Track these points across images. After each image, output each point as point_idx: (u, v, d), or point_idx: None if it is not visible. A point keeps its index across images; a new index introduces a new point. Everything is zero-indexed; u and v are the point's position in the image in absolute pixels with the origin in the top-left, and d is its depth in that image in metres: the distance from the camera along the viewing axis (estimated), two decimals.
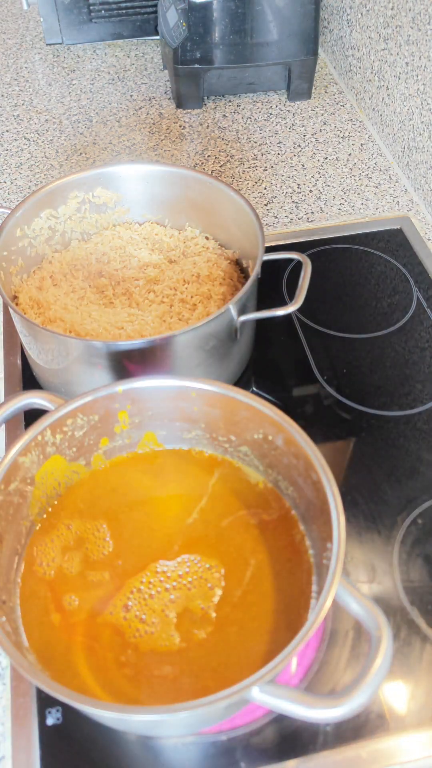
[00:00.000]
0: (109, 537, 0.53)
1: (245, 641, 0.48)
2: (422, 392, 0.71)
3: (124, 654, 0.48)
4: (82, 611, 0.50)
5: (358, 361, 0.74)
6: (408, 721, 0.52)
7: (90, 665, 0.47)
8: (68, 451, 0.54)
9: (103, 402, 0.53)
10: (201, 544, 0.53)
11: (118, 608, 0.49)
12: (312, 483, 0.48)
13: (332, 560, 0.43)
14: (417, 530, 0.61)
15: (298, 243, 0.86)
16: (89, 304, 0.70)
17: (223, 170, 0.97)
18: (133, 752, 0.51)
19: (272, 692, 0.39)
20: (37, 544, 0.52)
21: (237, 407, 0.52)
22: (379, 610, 0.41)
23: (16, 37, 1.25)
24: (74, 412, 0.52)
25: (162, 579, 0.51)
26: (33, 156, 1.01)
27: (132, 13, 1.15)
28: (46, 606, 0.50)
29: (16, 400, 0.53)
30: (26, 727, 0.52)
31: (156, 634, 0.48)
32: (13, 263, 0.71)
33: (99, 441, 0.56)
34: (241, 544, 0.52)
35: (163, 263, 0.75)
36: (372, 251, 0.86)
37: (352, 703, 0.38)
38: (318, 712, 0.39)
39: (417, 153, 0.91)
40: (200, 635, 0.48)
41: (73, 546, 0.53)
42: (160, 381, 0.53)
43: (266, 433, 0.52)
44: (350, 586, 0.42)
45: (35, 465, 0.52)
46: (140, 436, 0.57)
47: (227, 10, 0.96)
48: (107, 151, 1.01)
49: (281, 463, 0.52)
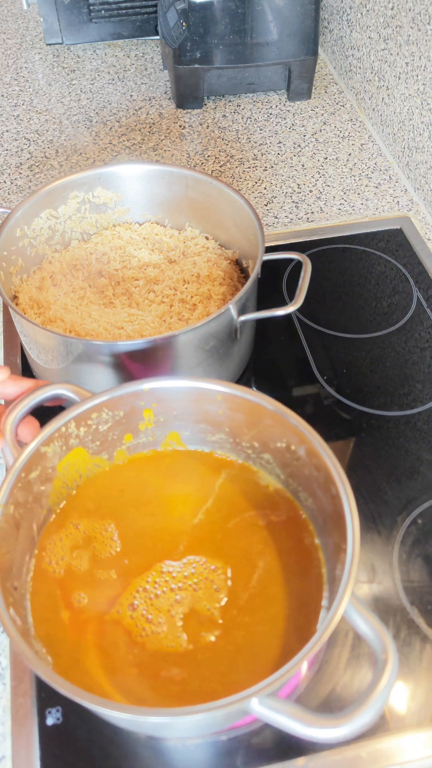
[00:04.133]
0: (117, 537, 0.53)
1: (254, 645, 0.48)
2: (422, 392, 0.71)
3: (131, 653, 0.48)
4: (90, 609, 0.50)
5: (358, 361, 0.74)
6: (408, 721, 0.52)
7: (100, 663, 0.47)
8: (91, 444, 0.54)
9: (129, 398, 0.53)
10: (206, 544, 0.52)
11: (125, 607, 0.49)
12: (331, 497, 0.47)
13: (344, 576, 0.42)
14: (417, 530, 0.61)
15: (298, 243, 0.86)
16: (89, 304, 0.70)
17: (223, 170, 0.97)
18: (133, 752, 0.51)
19: (272, 706, 0.39)
20: (47, 542, 0.53)
21: (262, 414, 0.52)
22: (387, 633, 0.41)
23: (16, 37, 1.25)
24: (100, 406, 0.52)
25: (167, 579, 0.51)
26: (33, 156, 1.01)
27: (132, 13, 1.15)
28: (55, 603, 0.50)
29: (43, 391, 0.53)
30: (26, 727, 0.52)
31: (163, 635, 0.48)
32: (13, 263, 0.71)
33: (123, 437, 0.56)
34: (248, 545, 0.52)
35: (163, 263, 0.75)
36: (372, 251, 0.86)
37: (352, 725, 0.38)
38: (317, 731, 0.38)
39: (417, 153, 0.91)
40: (208, 638, 0.48)
41: (81, 545, 0.53)
42: (186, 382, 0.53)
43: (289, 443, 0.51)
44: (360, 604, 0.42)
45: (57, 456, 0.52)
46: (164, 435, 0.57)
47: (227, 10, 0.96)
48: (107, 151, 1.01)
49: (302, 473, 0.52)
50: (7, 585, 0.46)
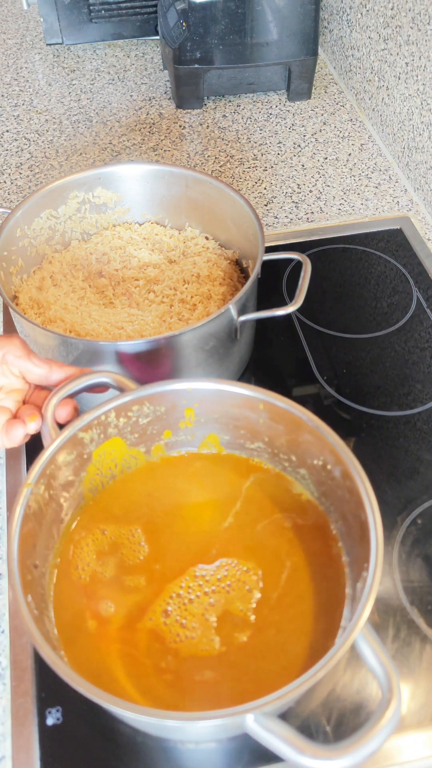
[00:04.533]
0: (144, 542, 0.53)
1: (284, 644, 0.48)
2: (422, 392, 0.71)
3: (164, 660, 0.47)
4: (118, 617, 0.49)
5: (358, 361, 0.74)
6: (408, 721, 0.52)
7: (128, 672, 0.47)
8: (130, 435, 0.55)
9: (171, 395, 0.54)
10: (238, 547, 0.53)
11: (158, 614, 0.49)
12: (360, 523, 0.47)
13: (360, 604, 0.42)
14: (417, 530, 0.61)
15: (298, 243, 0.86)
16: (89, 304, 0.70)
17: (223, 170, 0.97)
18: (133, 752, 0.51)
19: (267, 726, 0.38)
20: (73, 548, 0.52)
21: (302, 428, 0.52)
22: (395, 672, 0.40)
23: (16, 37, 1.25)
24: (142, 399, 0.53)
25: (201, 583, 0.51)
26: (33, 156, 1.01)
27: (132, 13, 1.15)
28: (81, 613, 0.49)
29: (88, 378, 0.52)
30: (26, 727, 0.52)
31: (196, 639, 0.48)
32: (13, 263, 0.71)
33: (162, 432, 0.56)
34: (277, 545, 0.52)
35: (163, 263, 0.75)
36: (372, 251, 0.86)
37: (346, 760, 0.37)
38: (309, 761, 0.37)
39: (417, 153, 0.91)
40: (241, 638, 0.48)
41: (107, 551, 0.53)
42: (230, 386, 0.54)
43: (326, 462, 0.51)
44: (371, 637, 0.41)
45: (94, 443, 0.52)
46: (203, 436, 0.57)
47: (227, 10, 0.96)
48: (107, 151, 1.01)
49: (335, 494, 0.51)
50: (27, 563, 0.46)
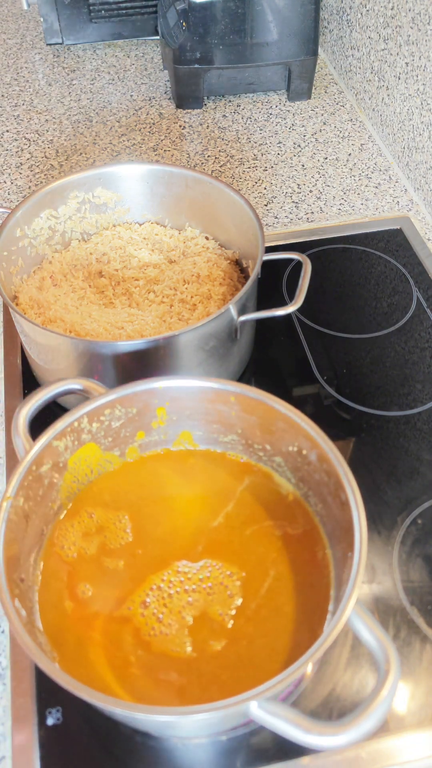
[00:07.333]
0: (130, 529, 0.53)
1: (257, 656, 0.47)
2: (422, 392, 0.71)
3: (134, 653, 0.47)
4: (96, 602, 0.49)
5: (358, 361, 0.74)
6: (408, 721, 0.52)
7: (106, 659, 0.47)
8: (104, 440, 0.54)
9: (142, 396, 0.53)
10: (224, 549, 0.52)
11: (137, 604, 0.49)
12: (340, 503, 0.47)
13: (349, 583, 0.42)
14: (417, 530, 0.61)
15: (298, 243, 0.86)
16: (89, 304, 0.70)
17: (223, 170, 0.97)
18: (133, 752, 0.51)
19: (271, 710, 0.39)
20: (58, 531, 0.53)
21: (275, 417, 0.52)
22: (390, 642, 0.40)
23: (16, 37, 1.25)
24: (113, 402, 0.53)
25: (182, 579, 0.50)
26: (33, 156, 1.01)
27: (132, 13, 1.15)
28: (60, 592, 0.50)
29: (58, 385, 0.53)
30: (26, 727, 0.52)
31: (170, 637, 0.48)
32: (13, 263, 0.71)
33: (135, 434, 0.56)
34: (264, 554, 0.52)
35: (163, 263, 0.75)
36: (372, 251, 0.86)
37: (351, 734, 0.38)
38: (316, 739, 0.38)
39: (417, 153, 0.91)
40: (214, 647, 0.48)
41: (93, 532, 0.53)
42: (200, 382, 0.54)
43: (301, 447, 0.51)
44: (364, 612, 0.41)
45: (69, 450, 0.52)
46: (176, 434, 0.57)
47: (227, 10, 0.96)
48: (107, 151, 1.01)
49: (313, 478, 0.52)
50: (14, 576, 0.46)
